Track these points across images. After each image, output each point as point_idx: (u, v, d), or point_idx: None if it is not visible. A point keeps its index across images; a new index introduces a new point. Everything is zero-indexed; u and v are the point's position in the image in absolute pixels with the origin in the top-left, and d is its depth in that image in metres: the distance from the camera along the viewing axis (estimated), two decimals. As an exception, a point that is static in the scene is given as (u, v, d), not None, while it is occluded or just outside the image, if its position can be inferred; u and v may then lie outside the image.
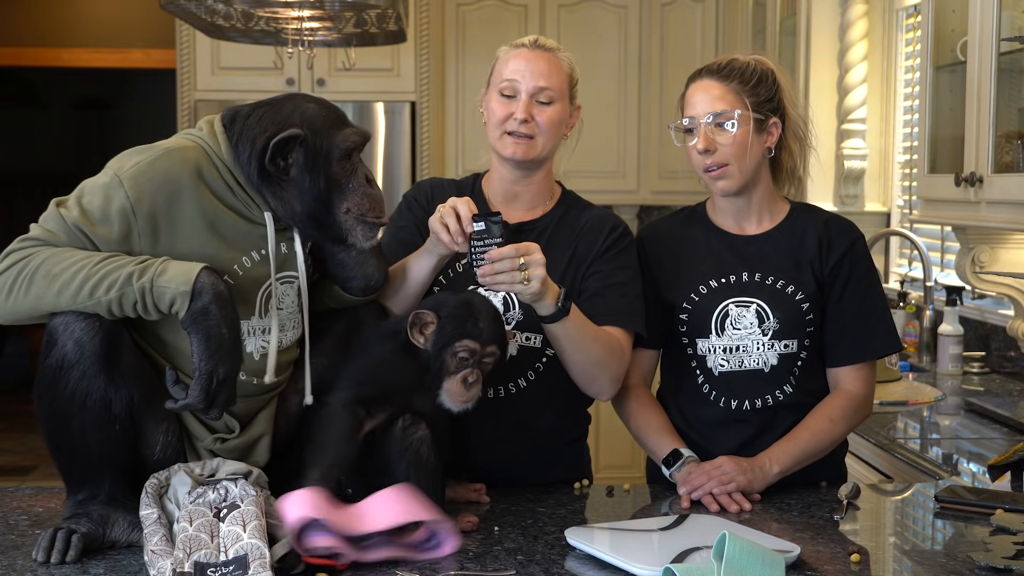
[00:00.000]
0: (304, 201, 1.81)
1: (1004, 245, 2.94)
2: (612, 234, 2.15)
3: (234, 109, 1.85)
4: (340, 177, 1.83)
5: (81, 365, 1.69)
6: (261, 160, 1.79)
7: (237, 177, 1.81)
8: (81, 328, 1.69)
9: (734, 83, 2.09)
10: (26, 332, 8.29)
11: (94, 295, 1.66)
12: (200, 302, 1.66)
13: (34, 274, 1.68)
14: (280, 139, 1.78)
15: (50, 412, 1.72)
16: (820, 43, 4.21)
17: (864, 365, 2.15)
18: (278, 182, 1.81)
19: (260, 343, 1.84)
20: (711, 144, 2.08)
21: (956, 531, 1.87)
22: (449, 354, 1.84)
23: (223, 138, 1.82)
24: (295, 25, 3.59)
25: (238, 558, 1.54)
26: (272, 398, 1.90)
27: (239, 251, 1.81)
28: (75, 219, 1.72)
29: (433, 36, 5.13)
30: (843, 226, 2.18)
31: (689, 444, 2.13)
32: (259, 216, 1.82)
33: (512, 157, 2.12)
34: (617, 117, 5.30)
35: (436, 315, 1.86)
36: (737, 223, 2.19)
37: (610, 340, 2.06)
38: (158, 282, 1.66)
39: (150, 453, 1.77)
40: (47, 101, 10.18)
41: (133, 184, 1.73)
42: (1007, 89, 2.70)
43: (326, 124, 1.83)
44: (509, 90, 2.11)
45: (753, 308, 2.12)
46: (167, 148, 1.79)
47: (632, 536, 1.76)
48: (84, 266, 1.67)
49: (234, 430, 1.83)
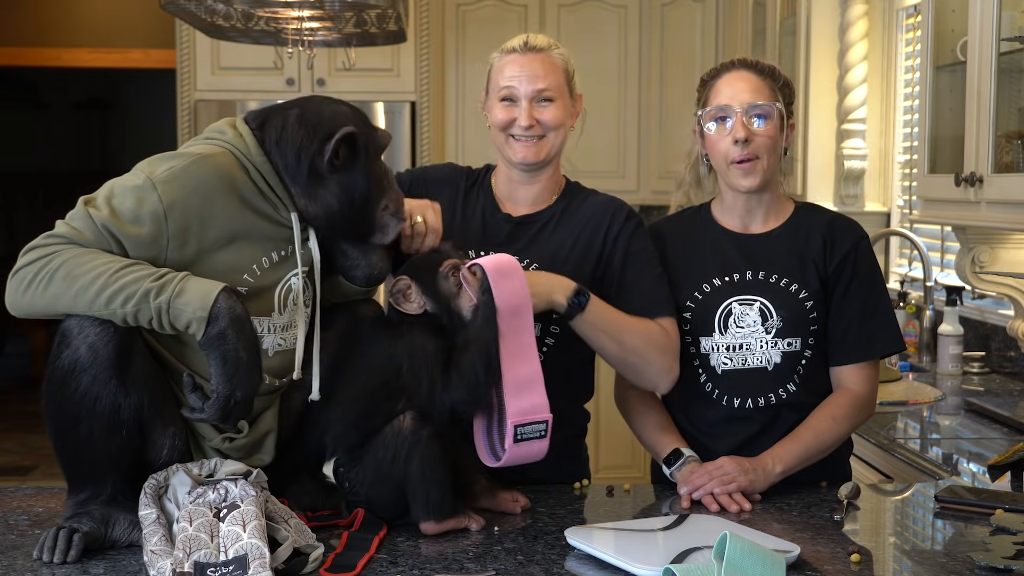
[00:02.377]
0: (346, 200, 1.83)
1: (1004, 245, 2.94)
2: (619, 216, 2.15)
3: (261, 113, 1.86)
4: (378, 175, 1.87)
5: (93, 370, 1.69)
6: (314, 162, 1.80)
7: (267, 179, 1.81)
8: (96, 333, 1.68)
9: (768, 79, 2.12)
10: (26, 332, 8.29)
11: (110, 305, 1.66)
12: (217, 327, 1.65)
13: (54, 273, 1.67)
14: (340, 137, 1.80)
15: (58, 413, 1.72)
16: (820, 43, 4.21)
17: (867, 364, 2.15)
18: (320, 180, 1.82)
19: (277, 340, 1.85)
20: (750, 134, 2.09)
21: (956, 531, 1.87)
22: (442, 280, 1.87)
23: (252, 140, 1.82)
24: (295, 25, 3.59)
25: (238, 558, 1.54)
26: (277, 396, 1.90)
27: (261, 252, 1.82)
28: (104, 219, 1.71)
29: (433, 36, 5.13)
30: (847, 225, 2.19)
31: (692, 443, 2.13)
32: (285, 217, 1.83)
33: (523, 161, 2.13)
34: (617, 117, 5.30)
35: (406, 274, 1.88)
36: (743, 222, 2.20)
37: (648, 329, 2.05)
38: (175, 304, 1.66)
39: (156, 457, 1.77)
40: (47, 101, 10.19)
41: (167, 189, 1.73)
42: (1007, 89, 2.70)
43: (365, 125, 1.88)
44: (509, 96, 2.12)
45: (756, 306, 2.12)
46: (199, 154, 1.79)
47: (632, 536, 1.76)
48: (103, 273, 1.66)
49: (242, 430, 1.84)
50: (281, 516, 1.67)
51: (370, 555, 1.68)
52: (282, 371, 1.87)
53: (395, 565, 1.66)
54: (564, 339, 2.11)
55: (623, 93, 5.30)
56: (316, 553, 1.63)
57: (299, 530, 1.67)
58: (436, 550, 1.73)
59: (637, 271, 2.13)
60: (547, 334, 2.10)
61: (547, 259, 2.12)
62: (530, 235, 2.16)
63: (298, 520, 1.69)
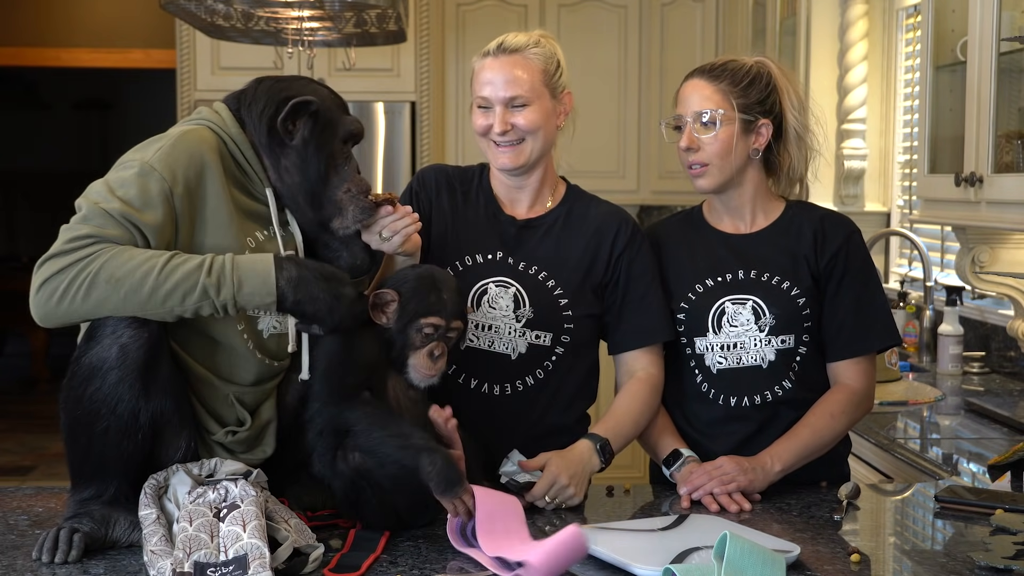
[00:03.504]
0: (305, 173, 1.84)
1: (1004, 245, 2.94)
2: (624, 230, 2.15)
3: (238, 90, 1.91)
4: (339, 158, 1.87)
5: (119, 371, 1.69)
6: (273, 120, 1.83)
7: (243, 151, 1.83)
8: (130, 335, 1.68)
9: (723, 83, 2.11)
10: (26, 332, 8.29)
11: (166, 303, 1.67)
12: (287, 302, 1.74)
13: (95, 278, 1.66)
14: (297, 101, 1.82)
15: (76, 408, 1.71)
16: (820, 43, 4.21)
17: (863, 359, 2.15)
18: (282, 148, 1.84)
19: (273, 323, 1.85)
20: (694, 142, 2.11)
21: (956, 531, 1.87)
22: (413, 330, 1.84)
23: (228, 114, 1.86)
24: (295, 25, 3.60)
25: (238, 558, 1.54)
26: (275, 386, 1.90)
27: (252, 228, 1.83)
28: (120, 210, 1.70)
29: (433, 36, 5.13)
30: (838, 221, 2.19)
31: (690, 443, 2.13)
32: (262, 192, 1.85)
33: (503, 167, 2.12)
34: (617, 117, 5.30)
35: (397, 293, 1.86)
36: (732, 222, 2.20)
37: (647, 399, 2.11)
38: (240, 296, 1.70)
39: (166, 459, 1.77)
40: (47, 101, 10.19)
41: (164, 166, 1.74)
42: (1007, 89, 2.70)
43: (335, 105, 1.89)
44: (483, 103, 2.09)
45: (749, 305, 2.13)
46: (181, 132, 1.81)
47: (632, 536, 1.76)
48: (149, 272, 1.67)
49: (245, 422, 1.84)
50: (281, 516, 1.67)
51: (376, 555, 1.68)
52: (279, 353, 1.87)
53: (395, 565, 1.66)
54: (574, 347, 2.12)
55: (623, 93, 5.30)
56: (316, 553, 1.63)
57: (299, 530, 1.67)
58: (436, 550, 1.73)
59: (640, 291, 2.14)
60: (557, 344, 2.11)
61: (556, 265, 2.12)
62: (536, 238, 2.15)
63: (298, 520, 1.69)
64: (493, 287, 2.09)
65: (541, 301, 2.09)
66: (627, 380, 2.14)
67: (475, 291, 2.09)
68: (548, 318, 2.09)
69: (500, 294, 2.09)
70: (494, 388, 2.09)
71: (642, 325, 2.13)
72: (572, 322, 2.11)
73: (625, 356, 2.15)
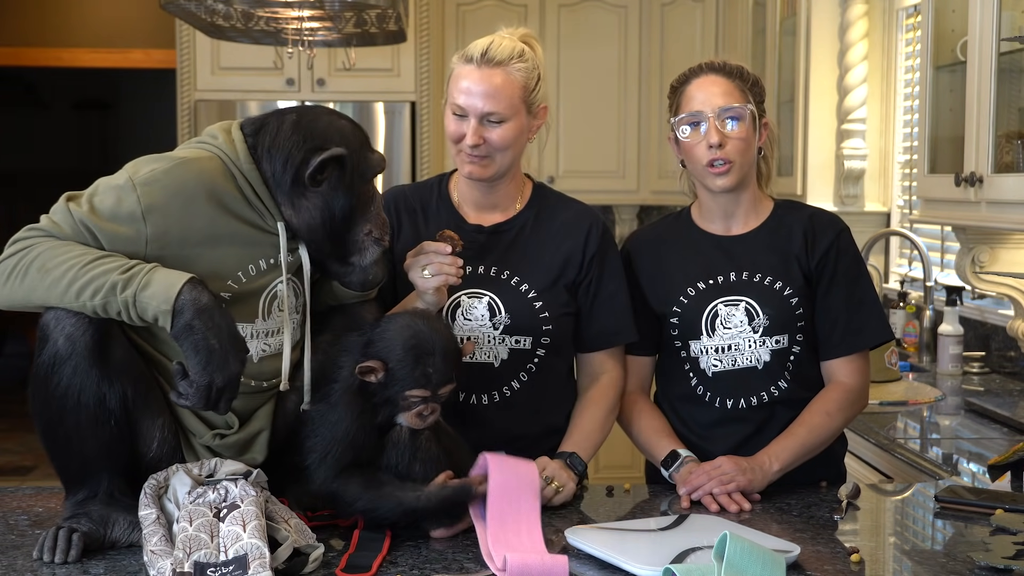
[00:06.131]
0: (327, 216, 1.82)
1: (1004, 245, 2.94)
2: (595, 232, 2.14)
3: (259, 120, 1.85)
4: (365, 198, 1.86)
5: (73, 360, 1.69)
6: (298, 172, 1.79)
7: (255, 187, 1.81)
8: (72, 323, 1.69)
9: (737, 80, 2.12)
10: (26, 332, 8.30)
11: (80, 298, 1.66)
12: (183, 319, 1.65)
13: (30, 266, 1.69)
14: (327, 157, 1.79)
15: (44, 409, 1.72)
16: (820, 43, 4.21)
17: (857, 356, 2.15)
18: (304, 194, 1.81)
19: (262, 345, 1.84)
20: (724, 138, 2.09)
21: (956, 531, 1.87)
22: (400, 399, 1.82)
23: (243, 147, 1.82)
24: (295, 25, 3.59)
25: (238, 558, 1.54)
26: (272, 395, 1.90)
27: (247, 259, 1.81)
28: (83, 215, 1.71)
29: (433, 36, 5.12)
30: (828, 219, 2.19)
31: (688, 446, 2.13)
32: (272, 226, 1.83)
33: (469, 176, 2.09)
34: (617, 117, 5.29)
35: (383, 364, 1.81)
36: (724, 224, 2.20)
37: (607, 404, 2.13)
38: (140, 297, 1.65)
39: (147, 450, 1.77)
40: (47, 101, 10.18)
41: (147, 191, 1.73)
42: (1007, 89, 2.70)
43: (359, 144, 1.86)
44: (459, 111, 2.05)
45: (742, 306, 2.13)
46: (184, 158, 1.79)
47: (632, 536, 1.76)
48: (74, 265, 1.67)
49: (232, 426, 1.83)
50: (281, 516, 1.67)
51: (384, 554, 1.68)
52: (271, 374, 1.86)
53: (395, 565, 1.66)
54: (555, 347, 2.12)
55: (623, 93, 5.30)
56: (316, 553, 1.63)
57: (299, 530, 1.67)
58: (436, 550, 1.73)
59: (611, 291, 2.14)
60: (538, 346, 2.10)
61: (527, 268, 2.11)
62: (505, 243, 2.13)
63: (298, 520, 1.69)
64: (465, 299, 2.08)
65: (516, 306, 2.08)
66: (590, 383, 2.15)
67: (448, 306, 2.07)
68: (525, 322, 2.08)
69: (474, 304, 2.07)
70: (482, 398, 2.09)
71: (609, 326, 2.14)
72: (550, 323, 2.10)
73: (592, 356, 2.16)
